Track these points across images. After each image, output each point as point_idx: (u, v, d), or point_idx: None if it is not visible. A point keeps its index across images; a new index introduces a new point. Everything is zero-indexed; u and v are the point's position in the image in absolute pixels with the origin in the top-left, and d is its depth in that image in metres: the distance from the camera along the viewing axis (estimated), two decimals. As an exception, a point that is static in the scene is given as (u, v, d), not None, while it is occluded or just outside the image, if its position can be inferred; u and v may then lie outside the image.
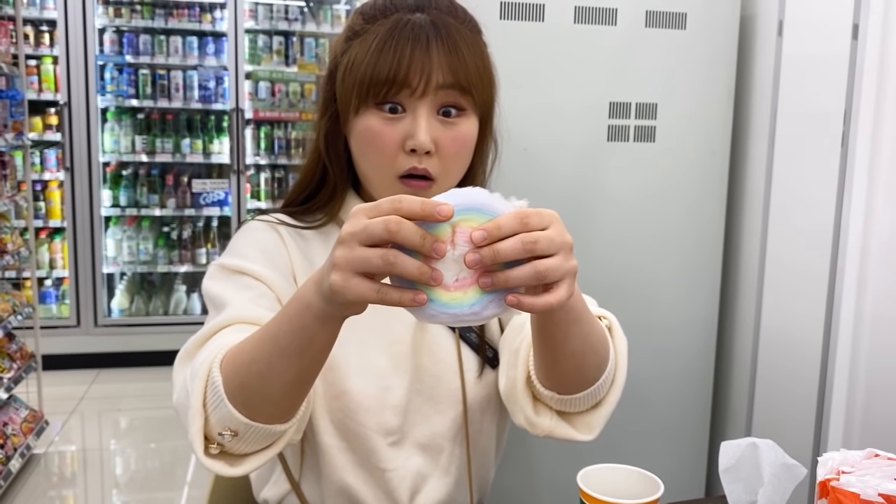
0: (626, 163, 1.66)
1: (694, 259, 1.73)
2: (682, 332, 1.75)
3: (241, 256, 1.02)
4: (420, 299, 0.66)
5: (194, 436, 0.85)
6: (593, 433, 0.99)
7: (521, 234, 0.67)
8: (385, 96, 0.95)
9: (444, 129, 0.97)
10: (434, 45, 0.94)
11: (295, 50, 4.40)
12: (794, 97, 1.57)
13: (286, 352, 0.78)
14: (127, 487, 3.06)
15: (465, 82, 0.96)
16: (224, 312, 0.94)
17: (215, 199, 4.37)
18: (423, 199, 0.65)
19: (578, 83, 1.62)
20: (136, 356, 4.22)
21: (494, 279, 0.68)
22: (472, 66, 0.97)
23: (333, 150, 1.05)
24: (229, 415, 0.82)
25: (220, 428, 0.83)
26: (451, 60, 0.95)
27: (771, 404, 1.65)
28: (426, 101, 0.96)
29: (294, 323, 0.76)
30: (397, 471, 1.06)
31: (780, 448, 0.89)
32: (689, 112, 1.68)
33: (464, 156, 1.01)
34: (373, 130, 0.97)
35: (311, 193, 1.08)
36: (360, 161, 1.02)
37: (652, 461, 1.73)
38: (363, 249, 0.65)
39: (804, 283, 1.53)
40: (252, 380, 0.81)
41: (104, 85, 4.21)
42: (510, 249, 0.66)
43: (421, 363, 1.06)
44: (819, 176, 1.48)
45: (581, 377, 0.93)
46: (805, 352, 1.52)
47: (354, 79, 0.96)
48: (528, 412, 0.99)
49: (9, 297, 3.02)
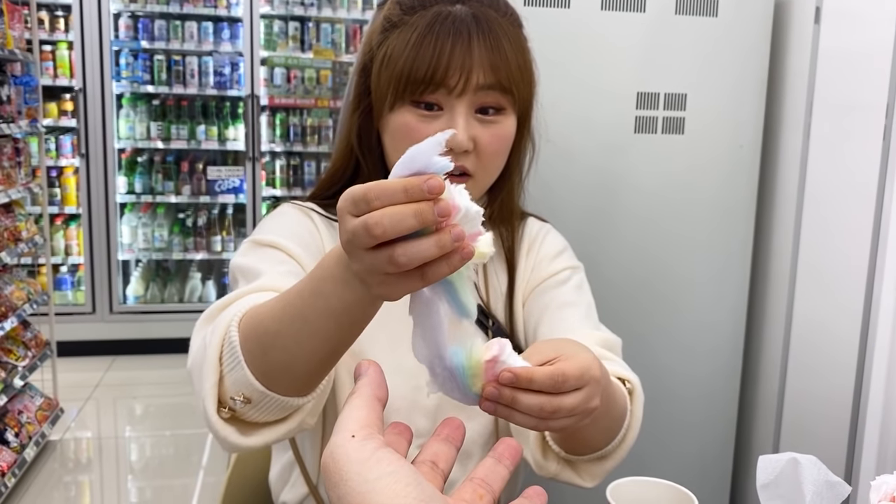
0: (654, 155, 1.61)
1: (722, 255, 1.68)
2: (709, 332, 1.70)
3: (274, 233, 0.99)
4: (467, 253, 0.55)
5: (207, 392, 0.79)
6: (596, 482, 0.97)
7: (544, 401, 0.66)
8: (422, 94, 0.92)
9: (483, 128, 0.94)
10: (475, 41, 0.90)
11: (311, 36, 4.35)
12: (831, 89, 1.51)
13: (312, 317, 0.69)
14: (142, 474, 3.06)
15: (506, 81, 0.92)
16: (256, 282, 0.89)
17: (230, 187, 4.35)
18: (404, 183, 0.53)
19: (605, 73, 1.56)
20: (152, 343, 4.22)
21: (498, 410, 0.66)
22: (513, 64, 0.93)
23: (367, 145, 1.01)
24: (244, 379, 0.76)
25: (234, 392, 0.78)
26: (492, 58, 0.91)
27: (801, 411, 1.60)
28: (465, 99, 0.92)
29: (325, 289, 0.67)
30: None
31: (823, 464, 0.84)
32: (720, 103, 1.61)
33: (502, 154, 0.98)
34: (408, 127, 0.93)
35: (343, 187, 1.05)
36: (393, 157, 0.99)
37: (675, 466, 1.70)
38: (370, 255, 0.56)
39: (840, 282, 1.47)
40: (272, 340, 0.74)
41: (119, 71, 4.18)
42: (528, 409, 0.66)
43: None
44: (859, 171, 1.42)
45: (592, 446, 0.93)
46: (839, 356, 1.46)
47: (391, 74, 0.92)
48: (536, 456, 0.97)
49: (24, 284, 3.01)
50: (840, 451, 1.45)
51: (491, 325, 1.06)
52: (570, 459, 0.97)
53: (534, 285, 1.09)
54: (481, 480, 0.51)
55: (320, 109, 4.37)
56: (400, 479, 0.42)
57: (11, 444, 2.73)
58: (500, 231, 1.10)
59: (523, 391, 0.66)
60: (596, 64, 1.56)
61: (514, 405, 0.66)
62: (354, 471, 0.42)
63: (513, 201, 1.08)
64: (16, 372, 2.80)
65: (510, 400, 0.66)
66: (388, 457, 0.43)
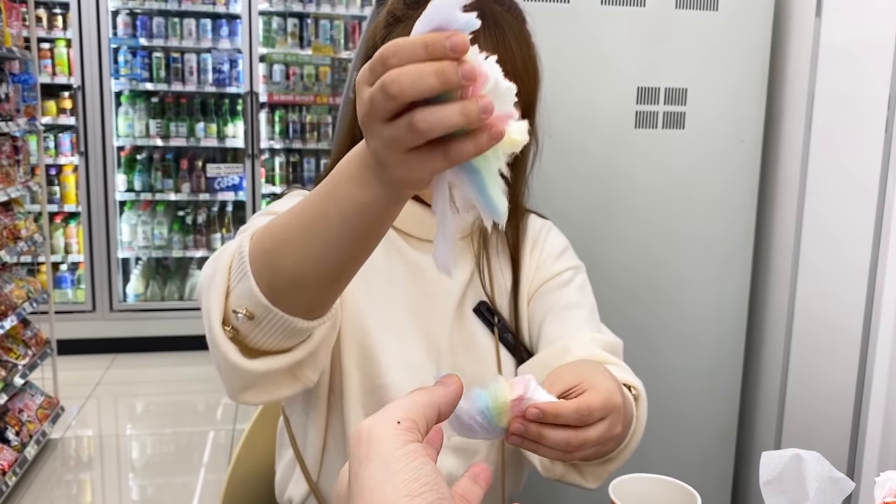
0: (655, 150, 1.60)
1: (723, 250, 1.67)
2: (710, 327, 1.69)
3: (282, 207, 0.97)
4: (496, 132, 0.50)
5: (213, 303, 0.76)
6: (599, 483, 0.99)
7: (570, 436, 0.67)
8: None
9: None
10: (480, 36, 0.90)
11: (310, 32, 4.34)
12: (832, 83, 1.50)
13: (325, 233, 0.66)
14: (143, 472, 3.06)
15: (511, 76, 0.91)
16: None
17: (230, 184, 4.34)
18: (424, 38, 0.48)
19: (605, 68, 1.56)
20: (152, 341, 4.22)
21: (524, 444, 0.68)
22: (518, 59, 0.93)
23: None
24: (249, 290, 0.72)
25: (237, 305, 0.74)
26: (499, 53, 0.90)
27: (803, 407, 1.59)
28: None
29: (343, 202, 0.63)
30: None
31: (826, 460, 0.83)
32: (721, 98, 1.61)
33: None
34: None
35: None
36: None
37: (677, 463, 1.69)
38: (389, 127, 0.51)
39: (842, 277, 1.47)
40: (278, 245, 0.70)
41: (118, 68, 4.17)
42: (555, 444, 0.67)
43: (459, 362, 1.04)
44: (860, 165, 1.41)
45: (600, 454, 0.93)
46: (842, 351, 1.45)
47: None
48: (544, 460, 0.97)
49: (23, 283, 3.01)
50: (842, 447, 1.45)
51: (497, 322, 1.06)
52: (576, 463, 0.97)
53: (538, 284, 1.09)
54: (461, 497, 0.53)
55: (319, 106, 4.36)
56: (419, 477, 0.42)
57: (12, 442, 2.73)
58: (506, 229, 1.09)
59: (549, 426, 0.68)
60: (596, 59, 1.55)
61: (540, 440, 0.68)
62: (382, 456, 0.43)
63: (517, 199, 1.08)
64: (16, 370, 2.80)
65: (537, 436, 0.67)
66: (418, 454, 0.44)
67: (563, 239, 1.16)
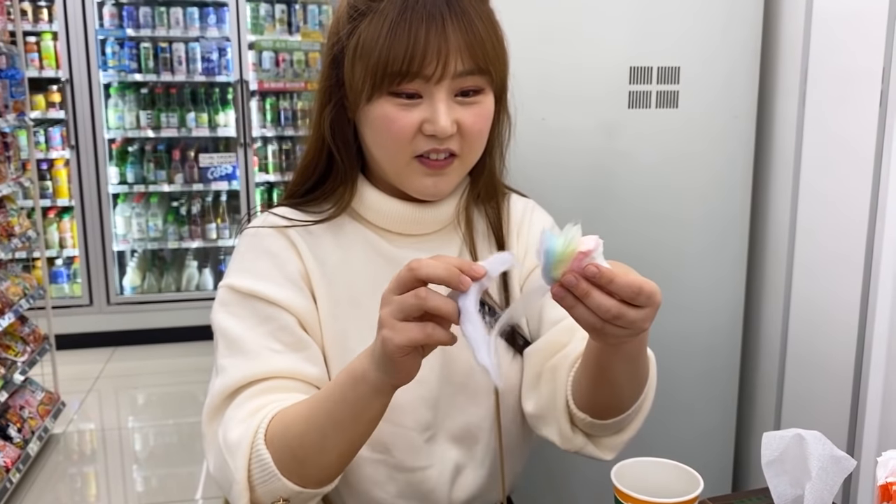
0: (648, 130, 1.59)
1: (719, 228, 1.67)
2: (706, 309, 1.69)
3: (254, 275, 0.96)
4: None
5: (239, 498, 0.87)
6: (614, 454, 1.03)
7: (612, 305, 0.71)
8: (399, 85, 0.89)
9: (464, 110, 0.93)
10: (449, 25, 0.88)
11: (298, 18, 4.30)
12: (826, 55, 1.49)
13: (341, 423, 0.83)
14: (147, 463, 3.07)
15: (483, 63, 0.91)
16: (244, 362, 0.92)
17: (223, 174, 4.32)
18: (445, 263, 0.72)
19: (597, 47, 1.54)
20: (151, 333, 4.21)
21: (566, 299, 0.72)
22: (488, 45, 0.91)
23: (341, 139, 0.98)
24: (283, 487, 0.85)
25: (272, 498, 0.86)
26: (468, 40, 0.89)
27: (802, 388, 1.59)
28: (443, 85, 0.90)
29: (348, 395, 0.81)
30: (434, 467, 1.02)
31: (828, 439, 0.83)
32: (714, 75, 1.59)
33: (485, 132, 0.97)
34: (388, 118, 0.91)
35: (317, 183, 1.02)
36: (372, 148, 0.96)
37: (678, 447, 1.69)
38: (399, 299, 0.73)
39: (838, 253, 1.46)
40: (307, 452, 0.85)
41: (106, 60, 4.13)
42: (596, 306, 0.71)
43: (451, 352, 1.02)
44: (856, 138, 1.40)
45: (617, 406, 0.97)
46: (840, 329, 1.45)
47: (366, 66, 0.90)
48: (564, 429, 1.01)
49: (19, 279, 3.00)
50: (842, 426, 1.45)
51: (486, 309, 1.05)
52: (592, 432, 1.01)
53: (529, 269, 1.09)
54: None
55: (310, 92, 4.32)
56: None
57: (14, 439, 2.73)
58: (486, 209, 1.08)
59: (598, 290, 0.70)
60: (587, 39, 1.53)
61: (585, 299, 0.71)
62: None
63: (495, 177, 1.07)
64: (15, 367, 2.80)
65: (584, 293, 0.70)
66: None
67: (548, 217, 1.15)
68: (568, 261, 0.70)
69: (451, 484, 1.03)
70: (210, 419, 0.93)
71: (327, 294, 0.98)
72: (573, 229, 0.70)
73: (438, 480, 1.02)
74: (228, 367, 0.92)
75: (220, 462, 0.89)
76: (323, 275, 0.99)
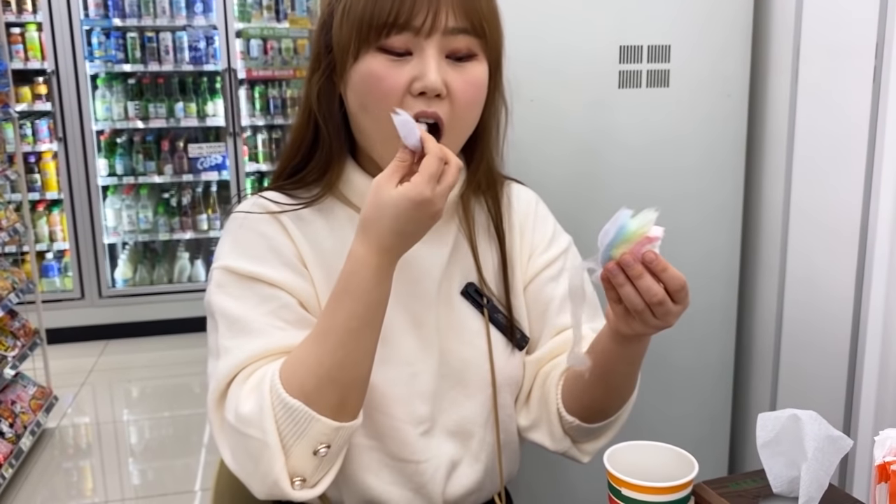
0: (639, 109, 1.56)
1: (712, 208, 1.65)
2: (701, 289, 1.66)
3: (252, 258, 0.94)
4: None
5: (279, 473, 0.84)
6: (590, 458, 1.08)
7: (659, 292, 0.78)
8: (388, 37, 0.86)
9: (455, 72, 0.89)
10: None
11: (285, 5, 4.25)
12: (818, 32, 1.47)
13: (353, 317, 0.84)
14: (143, 456, 3.05)
15: (477, 23, 0.88)
16: (250, 341, 0.89)
17: (213, 164, 4.28)
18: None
19: (586, 27, 1.52)
20: (143, 325, 4.19)
21: (616, 278, 0.78)
22: (485, 10, 0.89)
23: (327, 109, 0.95)
24: (320, 429, 0.84)
25: (314, 446, 0.84)
26: (465, 6, 0.87)
27: (798, 366, 1.58)
28: (434, 40, 0.87)
29: (360, 289, 0.83)
30: (430, 461, 1.00)
31: (823, 419, 0.82)
32: (705, 53, 1.57)
33: (477, 104, 0.93)
34: (375, 74, 0.88)
35: (303, 161, 0.99)
36: (359, 116, 0.93)
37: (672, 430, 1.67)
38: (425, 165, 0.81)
39: (833, 228, 1.45)
40: (332, 374, 0.84)
41: (92, 50, 4.08)
42: (644, 290, 0.77)
43: (448, 346, 1.00)
44: (849, 115, 1.38)
45: (605, 409, 1.01)
46: (835, 308, 1.44)
47: (353, 20, 0.87)
48: (555, 431, 1.05)
49: (8, 274, 2.97)
50: (838, 405, 1.44)
51: (486, 303, 1.03)
52: (577, 437, 1.06)
53: (533, 273, 1.07)
54: None
55: (299, 80, 4.28)
56: None
57: (6, 434, 2.71)
58: (486, 200, 1.06)
59: (650, 275, 0.77)
60: (576, 18, 1.51)
61: (636, 280, 0.77)
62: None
63: (493, 167, 1.04)
64: (6, 362, 2.77)
65: (637, 275, 0.77)
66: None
67: (551, 216, 1.13)
68: (633, 242, 0.76)
69: (445, 479, 1.01)
70: (217, 405, 0.89)
71: (325, 280, 0.96)
72: (652, 214, 0.76)
73: (434, 475, 1.00)
74: (233, 348, 0.89)
75: (239, 442, 0.85)
76: (320, 260, 0.97)
